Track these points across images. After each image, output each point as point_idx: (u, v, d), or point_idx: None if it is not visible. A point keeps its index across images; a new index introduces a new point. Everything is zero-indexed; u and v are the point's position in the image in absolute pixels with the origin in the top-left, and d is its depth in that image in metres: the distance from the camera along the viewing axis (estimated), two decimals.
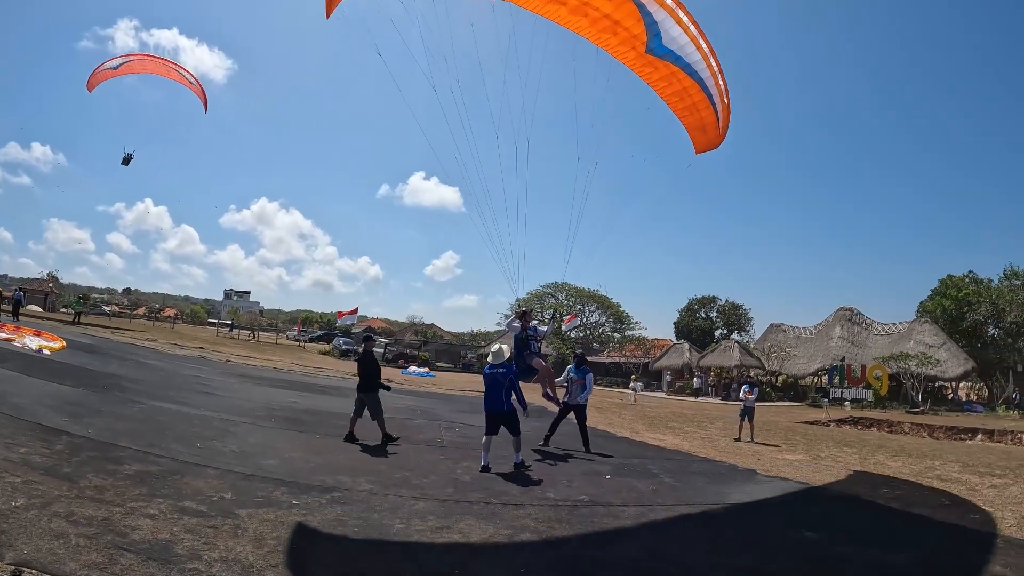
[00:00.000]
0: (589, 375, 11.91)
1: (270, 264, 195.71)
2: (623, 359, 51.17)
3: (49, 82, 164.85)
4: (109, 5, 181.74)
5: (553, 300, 62.23)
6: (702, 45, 8.73)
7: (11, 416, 8.12)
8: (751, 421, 15.34)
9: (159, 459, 7.15)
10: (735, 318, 63.82)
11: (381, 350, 41.54)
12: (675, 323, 65.47)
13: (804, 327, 45.36)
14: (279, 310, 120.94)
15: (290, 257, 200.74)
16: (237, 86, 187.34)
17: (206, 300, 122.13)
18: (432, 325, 75.31)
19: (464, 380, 34.88)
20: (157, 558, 4.25)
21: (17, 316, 29.58)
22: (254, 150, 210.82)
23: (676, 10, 8.37)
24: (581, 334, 61.84)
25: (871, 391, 32.98)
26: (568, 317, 56.31)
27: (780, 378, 42.93)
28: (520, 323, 11.20)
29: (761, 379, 40.71)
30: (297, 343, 53.08)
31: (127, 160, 25.40)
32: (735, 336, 58.34)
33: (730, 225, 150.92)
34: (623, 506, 7.43)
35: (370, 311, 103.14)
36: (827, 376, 37.09)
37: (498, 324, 65.32)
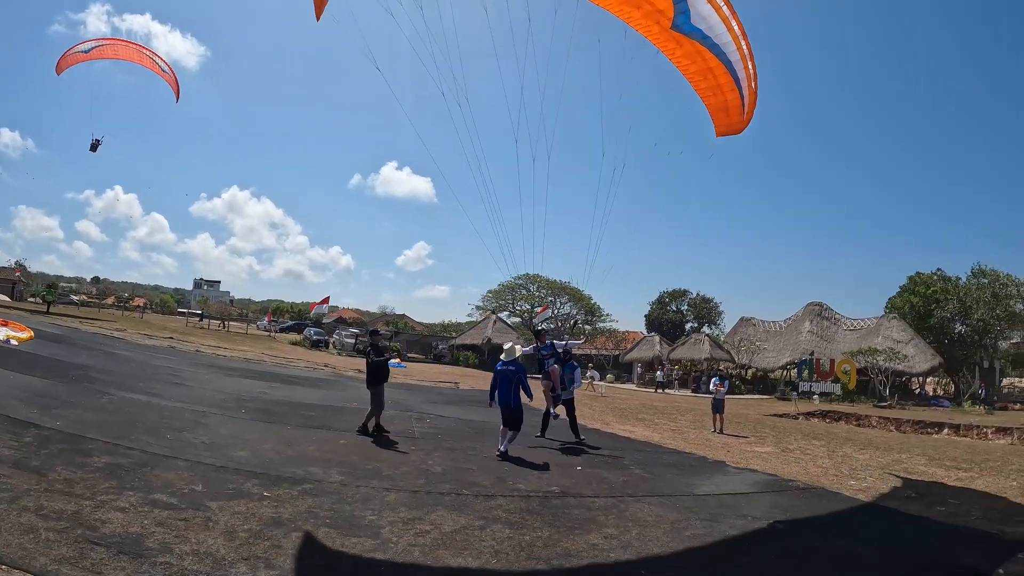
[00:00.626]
0: (577, 370, 12.67)
1: (241, 253, 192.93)
2: (594, 351, 51.57)
3: (19, 67, 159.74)
4: None
5: (524, 292, 62.35)
6: (733, 26, 8.36)
7: None
8: (721, 413, 15.60)
9: (129, 451, 7.11)
10: (706, 312, 64.72)
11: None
12: (646, 316, 66.18)
13: (774, 321, 46.15)
14: (250, 300, 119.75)
15: (261, 246, 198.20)
16: (210, 73, 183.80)
17: (176, 289, 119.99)
18: (403, 316, 75.04)
19: (436, 371, 34.90)
20: (128, 552, 4.26)
21: None
22: (226, 138, 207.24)
23: None
24: (552, 326, 62.03)
25: (839, 385, 33.66)
26: (540, 309, 56.55)
27: (750, 371, 43.61)
28: (535, 344, 12.02)
29: (731, 372, 41.26)
30: (268, 333, 52.52)
31: (95, 146, 25.23)
32: (705, 329, 59.27)
33: (702, 220, 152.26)
34: (594, 497, 7.56)
35: (341, 301, 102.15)
36: (796, 370, 37.75)
37: (469, 315, 65.45)
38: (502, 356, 10.11)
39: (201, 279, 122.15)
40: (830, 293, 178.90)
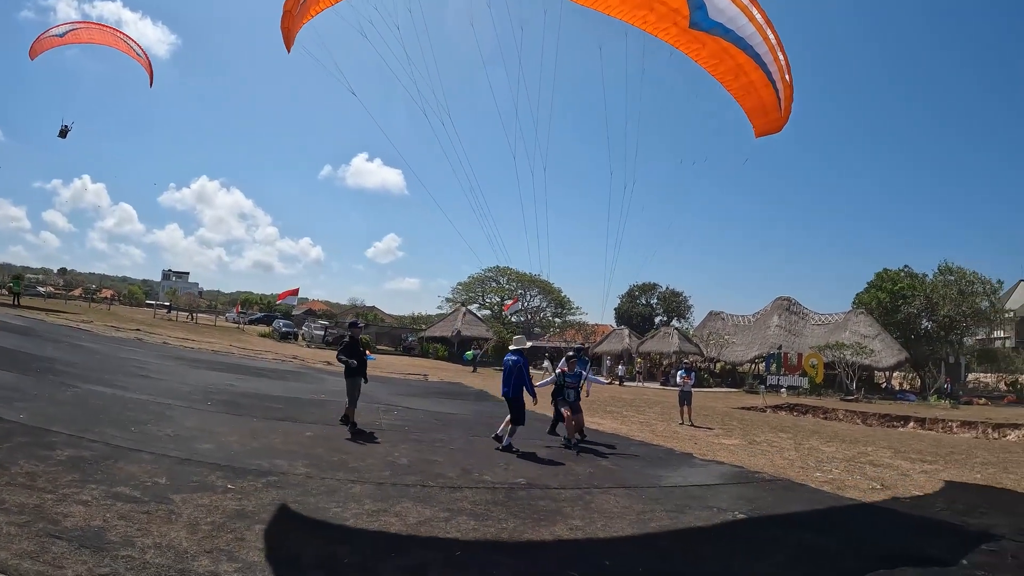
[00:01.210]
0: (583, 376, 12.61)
1: (210, 244, 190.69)
2: (564, 344, 51.92)
3: None
4: None
5: (494, 284, 62.45)
6: (755, 16, 7.75)
7: None
8: (689, 405, 15.86)
9: (93, 444, 7.05)
10: (675, 305, 65.38)
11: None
12: (616, 309, 66.63)
13: (742, 315, 46.80)
14: (219, 291, 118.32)
15: (230, 237, 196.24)
16: (180, 62, 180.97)
17: (144, 281, 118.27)
18: (373, 308, 74.59)
19: (405, 363, 34.81)
20: (90, 545, 4.25)
21: None
22: (195, 127, 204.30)
23: None
24: (522, 319, 62.27)
25: (807, 379, 34.21)
26: (509, 302, 56.73)
27: (718, 365, 44.17)
28: (562, 370, 11.64)
29: (700, 365, 41.79)
30: (236, 325, 51.90)
31: (64, 133, 25.00)
32: (675, 323, 59.92)
33: (673, 213, 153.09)
34: (560, 489, 7.68)
35: (311, 293, 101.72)
36: (764, 363, 38.32)
37: (439, 308, 65.39)
38: (511, 347, 10.46)
39: (170, 270, 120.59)
40: (799, 288, 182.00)
